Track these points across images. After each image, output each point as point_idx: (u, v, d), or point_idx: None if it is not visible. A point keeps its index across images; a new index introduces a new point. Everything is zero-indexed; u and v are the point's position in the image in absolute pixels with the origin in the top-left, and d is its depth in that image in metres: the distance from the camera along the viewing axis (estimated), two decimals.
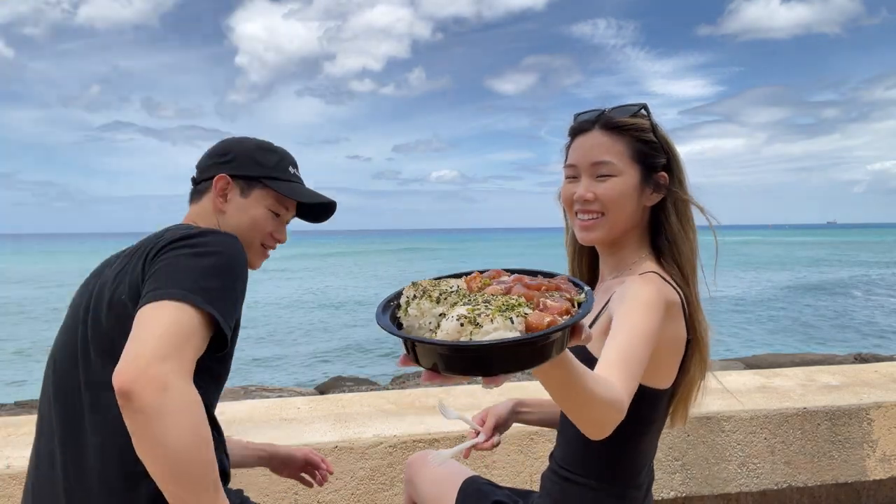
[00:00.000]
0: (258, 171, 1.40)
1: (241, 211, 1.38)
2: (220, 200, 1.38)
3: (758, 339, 16.89)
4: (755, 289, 29.73)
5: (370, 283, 37.26)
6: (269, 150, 1.43)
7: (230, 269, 1.12)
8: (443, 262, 60.93)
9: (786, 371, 2.91)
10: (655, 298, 1.14)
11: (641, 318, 1.10)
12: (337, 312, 24.59)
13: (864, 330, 18.41)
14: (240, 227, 1.37)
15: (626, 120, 1.28)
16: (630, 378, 1.02)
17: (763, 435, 2.28)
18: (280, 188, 1.40)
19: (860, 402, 2.37)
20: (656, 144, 1.28)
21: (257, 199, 1.39)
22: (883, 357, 9.81)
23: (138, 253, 1.16)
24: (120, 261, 1.22)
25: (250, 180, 1.39)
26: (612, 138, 1.28)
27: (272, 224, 1.42)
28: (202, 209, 1.39)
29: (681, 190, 1.30)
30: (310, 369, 14.17)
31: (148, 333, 0.98)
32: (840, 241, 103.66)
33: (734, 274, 36.73)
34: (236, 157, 1.40)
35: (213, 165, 1.40)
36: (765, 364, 8.87)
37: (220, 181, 1.37)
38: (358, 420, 2.19)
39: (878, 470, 2.35)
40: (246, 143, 1.43)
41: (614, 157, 1.26)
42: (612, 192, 1.26)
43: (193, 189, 1.43)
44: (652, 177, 1.28)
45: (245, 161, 1.40)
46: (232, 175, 1.38)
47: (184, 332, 1.00)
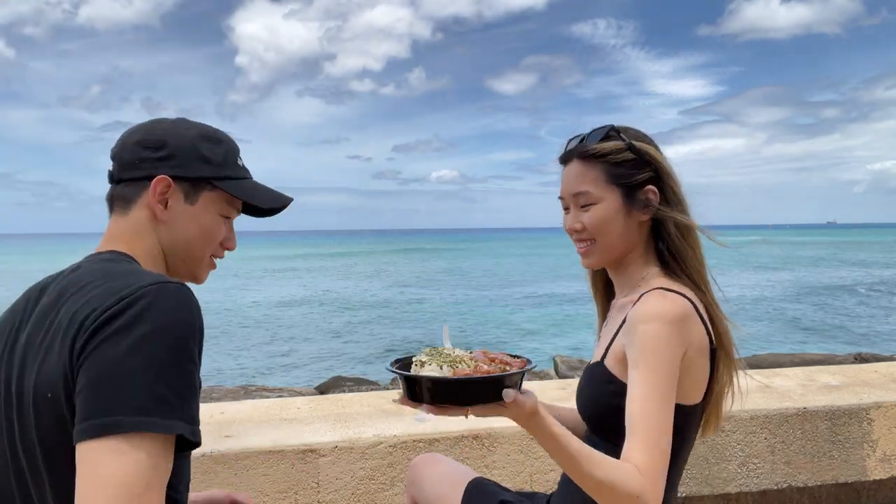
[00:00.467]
0: (207, 171, 1.13)
1: (187, 220, 1.12)
2: (159, 209, 1.10)
3: (758, 339, 16.90)
4: (755, 289, 29.74)
5: (371, 284, 37.28)
6: (215, 141, 1.16)
7: (180, 347, 0.89)
8: (445, 262, 60.95)
9: (786, 371, 2.91)
10: (664, 332, 1.12)
11: (654, 373, 1.11)
12: (337, 313, 24.60)
13: (864, 330, 18.41)
14: (188, 241, 1.13)
15: (597, 146, 1.29)
16: (655, 451, 1.06)
17: (763, 435, 2.28)
18: (235, 190, 1.16)
19: (860, 402, 2.37)
20: (635, 161, 1.27)
21: (206, 203, 1.14)
22: (883, 357, 9.81)
23: (53, 332, 0.92)
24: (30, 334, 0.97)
25: (197, 182, 1.12)
26: (586, 167, 1.30)
27: (223, 231, 1.18)
28: (133, 223, 1.10)
29: (673, 199, 1.28)
30: (310, 369, 14.17)
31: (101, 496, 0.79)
32: (840, 241, 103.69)
33: (734, 274, 36.73)
34: (176, 151, 1.11)
35: (145, 161, 1.10)
36: (765, 364, 8.88)
37: (160, 184, 1.09)
38: (358, 420, 2.19)
39: (878, 470, 2.35)
40: (185, 133, 1.14)
41: (590, 185, 1.29)
42: (594, 219, 1.28)
43: (115, 191, 1.13)
44: (636, 195, 1.27)
45: (188, 157, 1.12)
46: (174, 176, 1.10)
47: (144, 479, 0.81)
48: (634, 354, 1.15)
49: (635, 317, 1.16)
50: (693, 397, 1.21)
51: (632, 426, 1.11)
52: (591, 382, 1.29)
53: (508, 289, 32.83)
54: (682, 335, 1.14)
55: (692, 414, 1.23)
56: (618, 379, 1.21)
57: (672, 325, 1.13)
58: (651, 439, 1.08)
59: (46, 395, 0.88)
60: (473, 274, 44.63)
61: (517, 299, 27.89)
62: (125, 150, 1.12)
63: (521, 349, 1.27)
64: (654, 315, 1.14)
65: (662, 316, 1.14)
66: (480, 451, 2.11)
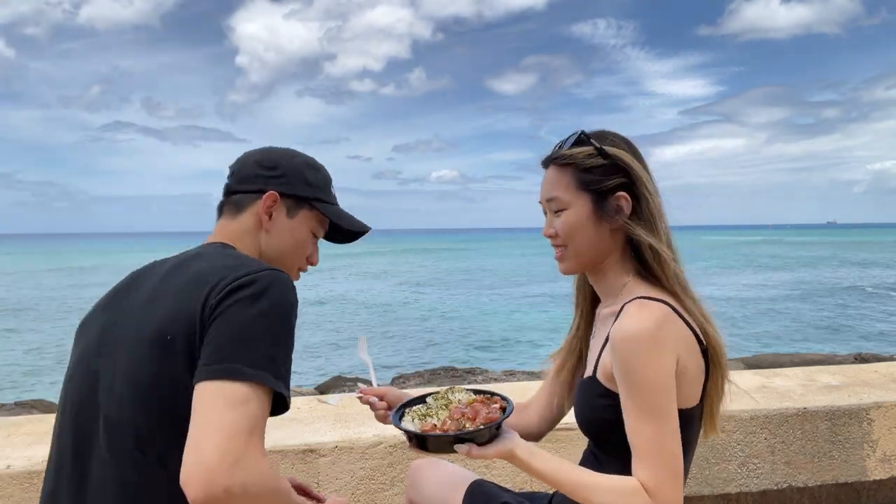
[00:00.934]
0: (308, 192, 1.32)
1: (286, 232, 1.31)
2: (265, 218, 1.28)
3: (758, 339, 16.90)
4: (755, 288, 29.74)
5: (371, 284, 37.29)
6: (317, 170, 1.37)
7: (290, 324, 1.07)
8: (445, 262, 60.96)
9: (786, 371, 2.91)
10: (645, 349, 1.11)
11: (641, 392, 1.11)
12: (337, 313, 24.60)
13: (864, 330, 18.42)
14: (281, 249, 1.31)
15: (567, 152, 1.30)
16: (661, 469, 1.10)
17: (763, 435, 2.28)
18: (328, 212, 1.35)
19: (860, 402, 2.37)
20: (605, 166, 1.26)
21: (302, 220, 1.33)
22: (883, 357, 9.82)
23: (187, 288, 1.07)
24: (149, 290, 1.13)
25: (300, 200, 1.32)
26: (559, 173, 1.31)
27: (310, 246, 1.36)
28: (243, 226, 1.29)
29: (646, 205, 1.26)
30: (310, 369, 14.17)
31: (214, 428, 0.92)
32: (840, 241, 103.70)
33: (734, 274, 36.74)
34: (287, 173, 1.31)
35: (259, 178, 1.30)
36: (765, 364, 8.88)
37: (270, 198, 1.28)
38: (358, 420, 2.19)
39: (879, 470, 2.35)
40: (295, 159, 1.34)
41: (561, 191, 1.29)
42: (565, 225, 1.29)
43: (229, 199, 1.32)
44: (607, 201, 1.26)
45: (296, 179, 1.31)
46: (281, 193, 1.29)
47: (253, 420, 0.95)
48: (620, 376, 1.15)
49: (616, 336, 1.15)
50: (691, 399, 1.21)
51: (633, 448, 1.13)
52: (586, 398, 1.29)
53: (509, 289, 32.84)
54: (668, 343, 1.13)
55: (692, 416, 1.22)
56: (612, 392, 1.20)
57: (653, 338, 1.12)
58: (655, 459, 1.10)
59: (166, 337, 1.03)
60: (474, 274, 44.65)
61: (518, 299, 27.89)
62: (245, 166, 1.32)
63: (521, 349, 1.30)
64: (634, 333, 1.13)
65: (641, 332, 1.12)
66: None
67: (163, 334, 1.03)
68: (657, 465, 1.10)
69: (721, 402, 1.27)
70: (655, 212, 1.27)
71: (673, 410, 1.12)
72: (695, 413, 1.22)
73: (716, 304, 1.31)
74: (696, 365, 1.20)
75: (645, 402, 1.11)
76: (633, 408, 1.13)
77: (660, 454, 1.10)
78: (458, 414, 1.20)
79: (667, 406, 1.11)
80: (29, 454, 1.92)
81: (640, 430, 1.12)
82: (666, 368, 1.12)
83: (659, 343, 1.12)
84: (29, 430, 2.14)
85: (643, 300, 1.19)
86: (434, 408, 1.26)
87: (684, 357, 1.16)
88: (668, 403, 1.12)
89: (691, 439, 1.24)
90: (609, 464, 1.23)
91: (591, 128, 1.35)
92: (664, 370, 1.12)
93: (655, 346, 1.12)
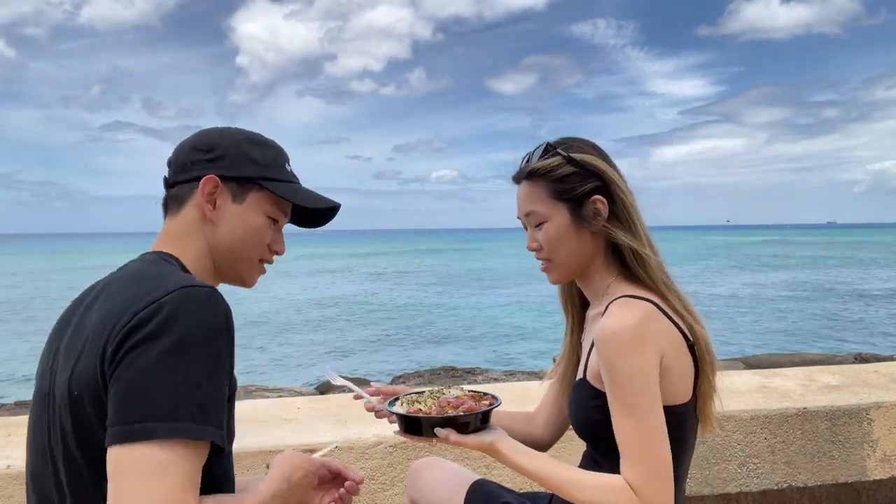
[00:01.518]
0: (254, 171, 1.15)
1: (235, 220, 1.14)
2: (208, 208, 1.13)
3: (758, 339, 16.90)
4: (755, 288, 29.74)
5: (371, 284, 37.28)
6: (262, 145, 1.19)
7: (209, 351, 0.91)
8: (446, 262, 60.97)
9: (786, 371, 2.91)
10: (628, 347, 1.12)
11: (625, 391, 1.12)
12: (338, 313, 24.60)
13: (864, 330, 18.41)
14: (234, 241, 1.15)
15: (537, 165, 1.31)
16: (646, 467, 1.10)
17: (763, 435, 2.28)
18: (281, 191, 1.17)
19: (860, 402, 2.37)
20: (576, 173, 1.28)
21: (253, 204, 1.16)
22: (883, 357, 9.81)
23: (95, 333, 0.94)
24: (75, 325, 1.01)
25: (245, 182, 1.15)
26: (532, 186, 1.32)
27: (270, 233, 1.20)
28: (184, 222, 1.14)
29: (622, 206, 1.27)
30: (310, 369, 14.17)
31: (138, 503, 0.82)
32: (840, 240, 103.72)
33: (734, 274, 36.73)
34: (225, 153, 1.15)
35: (197, 164, 1.14)
36: (765, 364, 8.88)
37: (209, 184, 1.12)
38: (358, 420, 2.19)
39: (879, 470, 2.35)
40: (234, 137, 1.18)
41: (537, 204, 1.30)
42: (547, 237, 1.30)
43: (170, 194, 1.17)
44: (584, 207, 1.27)
45: (237, 158, 1.15)
46: (222, 176, 1.13)
47: (178, 485, 0.84)
48: (604, 374, 1.16)
49: (600, 335, 1.16)
50: (682, 395, 1.21)
51: (619, 446, 1.14)
52: (577, 399, 1.29)
53: (510, 288, 32.83)
54: (650, 341, 1.14)
55: (685, 413, 1.22)
56: (601, 392, 1.21)
57: (635, 336, 1.13)
58: (639, 456, 1.11)
59: (73, 394, 0.92)
60: (474, 274, 44.66)
61: (519, 299, 27.89)
62: (180, 153, 1.17)
63: (521, 349, 1.30)
64: (616, 330, 1.14)
65: (623, 329, 1.13)
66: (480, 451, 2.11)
67: (72, 390, 0.92)
68: (641, 462, 1.10)
69: (714, 397, 1.27)
70: (632, 211, 1.28)
71: (656, 408, 1.12)
72: (687, 410, 1.22)
73: (716, 303, 1.32)
74: (684, 362, 1.20)
75: (627, 400, 1.12)
76: (617, 405, 1.14)
77: (644, 452, 1.10)
78: (444, 403, 1.24)
79: (649, 404, 1.12)
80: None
81: (624, 427, 1.13)
82: (648, 366, 1.12)
83: (641, 340, 1.13)
84: None
85: (627, 299, 1.20)
86: (425, 397, 1.30)
87: (669, 355, 1.16)
88: (650, 401, 1.12)
89: (686, 436, 1.25)
90: (606, 465, 1.23)
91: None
92: (646, 367, 1.12)
93: (637, 343, 1.12)
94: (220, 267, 1.17)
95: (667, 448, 1.12)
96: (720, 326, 18.28)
